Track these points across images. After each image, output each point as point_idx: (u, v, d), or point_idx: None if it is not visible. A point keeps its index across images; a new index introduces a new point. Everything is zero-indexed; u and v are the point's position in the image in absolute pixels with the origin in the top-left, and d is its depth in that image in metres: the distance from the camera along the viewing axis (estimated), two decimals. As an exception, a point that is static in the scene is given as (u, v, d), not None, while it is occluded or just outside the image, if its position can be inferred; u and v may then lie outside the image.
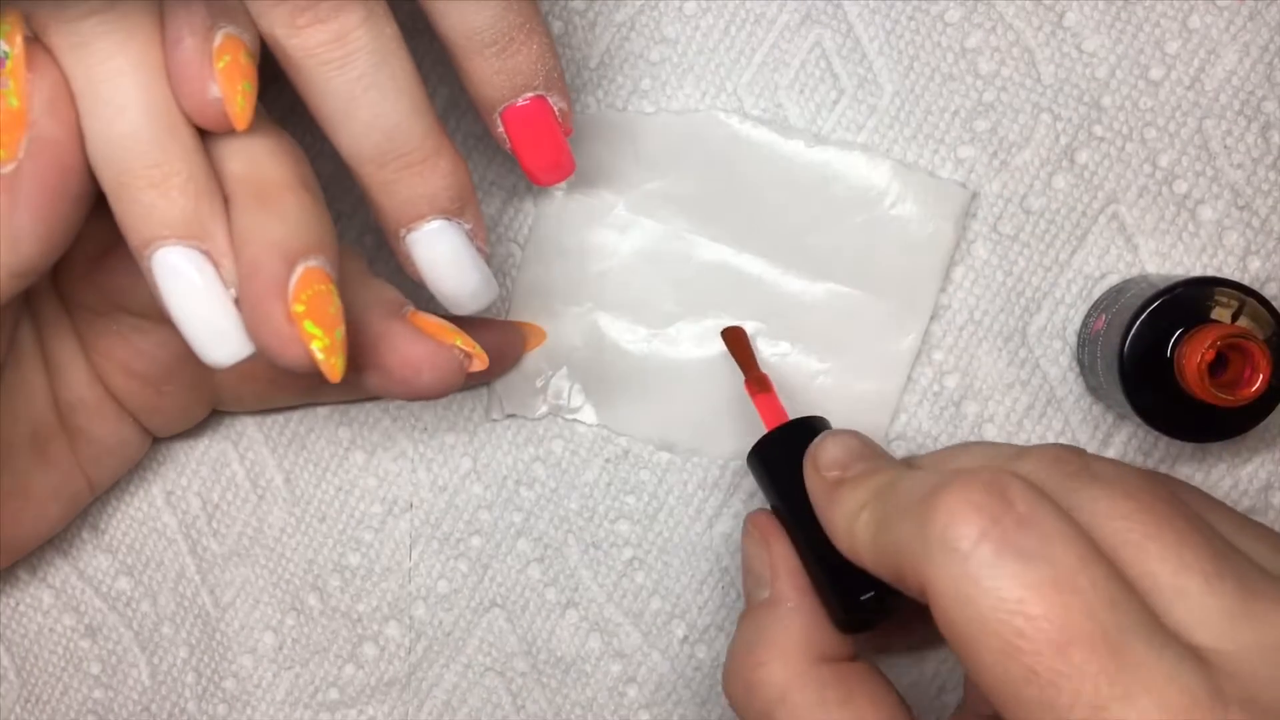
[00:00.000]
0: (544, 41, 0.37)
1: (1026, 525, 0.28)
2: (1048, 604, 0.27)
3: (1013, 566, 0.28)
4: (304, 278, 0.32)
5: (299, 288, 0.32)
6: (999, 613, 0.28)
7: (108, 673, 0.45)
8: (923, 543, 0.29)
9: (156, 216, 0.32)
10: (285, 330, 0.32)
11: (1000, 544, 0.28)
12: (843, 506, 0.34)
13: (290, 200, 0.33)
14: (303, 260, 0.32)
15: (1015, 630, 0.27)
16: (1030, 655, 0.27)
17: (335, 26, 0.33)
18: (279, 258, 0.32)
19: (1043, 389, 0.43)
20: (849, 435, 0.36)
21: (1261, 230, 0.42)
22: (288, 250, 0.32)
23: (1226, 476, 0.42)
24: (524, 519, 0.44)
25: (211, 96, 0.32)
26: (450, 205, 0.36)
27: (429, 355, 0.36)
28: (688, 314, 0.43)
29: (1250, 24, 0.42)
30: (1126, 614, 0.28)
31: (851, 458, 0.35)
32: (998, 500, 0.29)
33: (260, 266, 0.32)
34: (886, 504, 0.32)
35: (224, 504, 0.45)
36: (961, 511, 0.29)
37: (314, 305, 0.32)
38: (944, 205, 0.42)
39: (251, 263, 0.32)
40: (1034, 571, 0.28)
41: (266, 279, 0.32)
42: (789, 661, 0.35)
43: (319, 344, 0.32)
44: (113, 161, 0.32)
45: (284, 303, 0.32)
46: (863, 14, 0.43)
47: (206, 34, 0.32)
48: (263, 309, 0.32)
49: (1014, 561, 0.28)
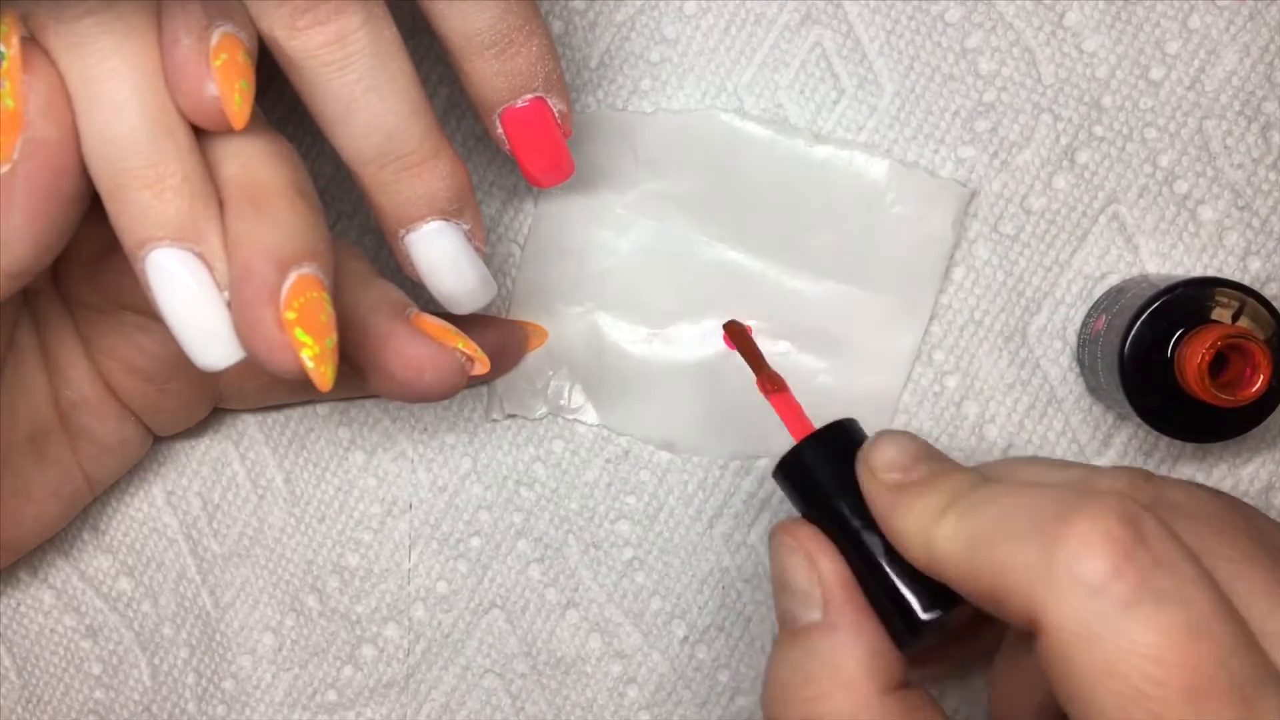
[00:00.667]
0: (544, 43, 0.37)
1: (1163, 565, 0.27)
2: (1182, 651, 0.26)
3: (1147, 608, 0.26)
4: (296, 285, 0.32)
5: (291, 295, 0.32)
6: (1130, 656, 0.26)
7: (108, 673, 0.45)
8: (1046, 571, 0.27)
9: (151, 217, 0.32)
10: (276, 337, 0.31)
11: (1137, 583, 0.27)
12: (913, 513, 0.31)
13: (284, 206, 0.33)
14: (295, 267, 0.32)
15: (1146, 676, 0.26)
16: (1159, 703, 0.26)
17: (335, 28, 0.33)
18: (272, 264, 0.32)
19: (1043, 389, 0.43)
20: (903, 435, 0.34)
21: (1262, 230, 0.42)
22: (280, 256, 0.32)
23: (1228, 477, 0.42)
24: (524, 519, 0.44)
25: (208, 95, 0.32)
26: (449, 206, 0.36)
27: (431, 358, 0.36)
28: (688, 314, 0.43)
29: (1250, 24, 0.42)
30: (1256, 662, 0.27)
31: (910, 459, 0.33)
32: (1133, 535, 0.27)
33: (253, 272, 0.32)
34: (982, 516, 0.30)
35: (224, 504, 0.45)
36: (1096, 541, 0.27)
37: (305, 313, 0.32)
38: (944, 204, 0.42)
39: (244, 268, 0.32)
40: (1169, 615, 0.26)
41: (259, 285, 0.32)
42: (855, 693, 0.32)
43: (309, 352, 0.32)
44: (108, 162, 0.32)
45: (275, 309, 0.31)
46: (863, 14, 0.43)
47: (203, 33, 0.32)
48: (254, 315, 0.32)
49: (1148, 603, 0.26)
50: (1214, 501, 0.31)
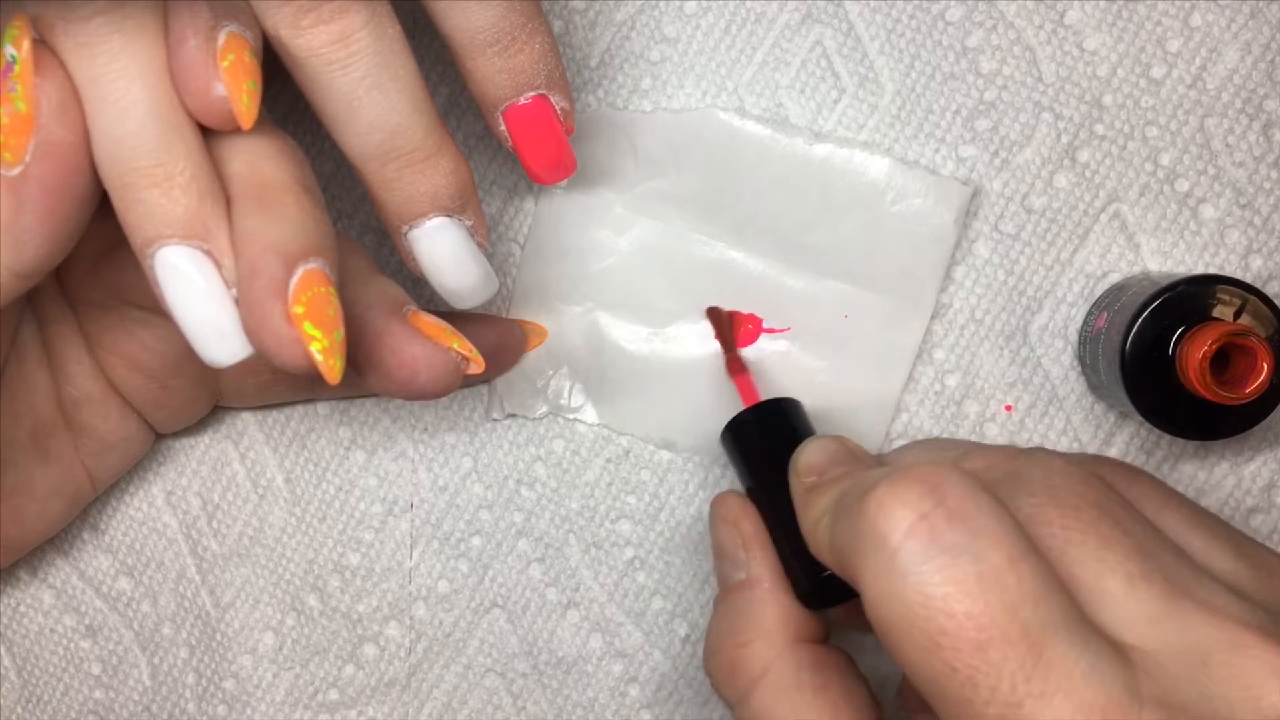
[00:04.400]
0: (546, 41, 0.37)
1: (956, 520, 0.28)
2: (970, 601, 0.27)
3: (938, 561, 0.28)
4: (304, 279, 0.32)
5: (299, 289, 0.32)
6: (923, 609, 0.28)
7: (108, 673, 0.45)
8: (855, 536, 0.29)
9: (159, 215, 0.32)
10: (284, 331, 0.32)
11: (928, 539, 0.28)
12: (810, 511, 0.34)
13: (290, 202, 0.33)
14: (302, 262, 0.32)
15: (938, 627, 0.27)
16: (950, 652, 0.27)
17: (339, 27, 0.33)
18: (279, 259, 0.32)
19: (1044, 388, 0.43)
20: (830, 440, 0.37)
21: (1263, 229, 0.42)
22: (288, 252, 0.32)
23: (1229, 475, 0.42)
24: (525, 519, 0.44)
25: (216, 95, 0.32)
26: (451, 203, 0.36)
27: (426, 356, 0.36)
28: (688, 313, 0.43)
29: (1252, 22, 0.42)
30: (1050, 611, 0.27)
31: (829, 462, 0.35)
32: (929, 495, 0.29)
33: (260, 268, 0.32)
34: (838, 503, 0.32)
35: (224, 504, 0.45)
36: (891, 505, 0.29)
37: (313, 307, 0.32)
38: (945, 202, 0.42)
39: (251, 264, 0.32)
40: (959, 567, 0.28)
41: (266, 280, 0.32)
42: (771, 641, 0.36)
43: (318, 345, 0.32)
44: (117, 160, 0.32)
45: (284, 304, 0.32)
46: (864, 13, 0.43)
47: (210, 33, 0.32)
48: (262, 310, 0.32)
49: (940, 556, 0.28)
50: (1069, 477, 0.31)
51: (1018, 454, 0.33)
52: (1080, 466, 0.32)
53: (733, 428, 0.40)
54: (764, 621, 0.36)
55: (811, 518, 0.34)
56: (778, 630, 0.36)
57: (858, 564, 0.29)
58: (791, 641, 0.36)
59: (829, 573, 0.34)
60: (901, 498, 0.29)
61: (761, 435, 0.39)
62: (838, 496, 0.33)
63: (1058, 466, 0.32)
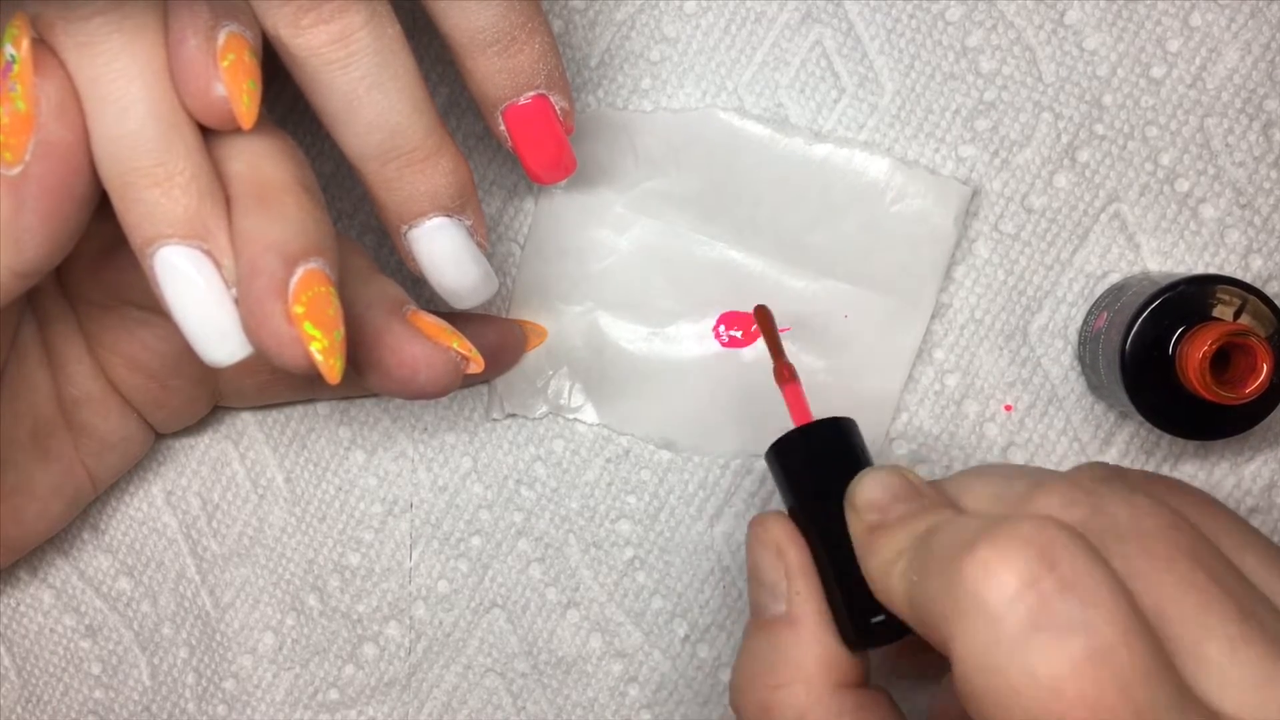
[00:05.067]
0: (546, 41, 0.37)
1: (1069, 590, 0.26)
2: (1083, 682, 0.25)
3: (1049, 636, 0.26)
4: (304, 279, 0.32)
5: (299, 289, 0.32)
6: (1030, 687, 0.26)
7: (108, 673, 0.45)
8: (952, 599, 0.27)
9: (159, 215, 0.32)
10: (285, 331, 0.32)
11: (1039, 610, 0.26)
12: (880, 555, 0.32)
13: (291, 202, 0.33)
14: (303, 262, 0.32)
15: (1044, 707, 0.25)
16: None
17: (338, 26, 0.33)
18: (279, 259, 0.32)
19: (1044, 388, 0.43)
20: (890, 473, 0.34)
21: (1263, 229, 0.42)
22: (288, 252, 0.32)
23: (1230, 475, 0.42)
24: (524, 519, 0.44)
25: (216, 95, 0.32)
26: (451, 203, 0.37)
27: (425, 356, 0.36)
28: (688, 312, 0.43)
29: (1252, 22, 0.42)
30: (1162, 688, 0.26)
31: (891, 498, 0.33)
32: (1039, 559, 0.26)
33: (260, 267, 0.32)
34: (922, 554, 0.30)
35: (224, 504, 0.45)
36: (997, 568, 0.26)
37: (313, 307, 0.32)
38: (945, 202, 0.42)
39: (251, 264, 0.32)
40: (1073, 644, 0.26)
41: (267, 280, 0.32)
42: (811, 686, 0.33)
43: (318, 345, 0.32)
44: (117, 160, 0.32)
45: (284, 304, 0.32)
46: (863, 13, 0.43)
47: (210, 33, 0.32)
48: (263, 309, 0.32)
49: (1050, 630, 0.26)
50: (1155, 518, 0.29)
51: (1095, 486, 0.31)
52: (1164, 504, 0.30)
53: (781, 447, 0.37)
54: (805, 665, 0.34)
55: (881, 562, 0.32)
56: (819, 675, 0.33)
57: (950, 627, 0.27)
58: (834, 688, 0.33)
59: (883, 618, 0.33)
60: (1008, 560, 0.27)
61: (813, 458, 0.36)
62: (916, 543, 0.31)
63: (1144, 508, 0.30)
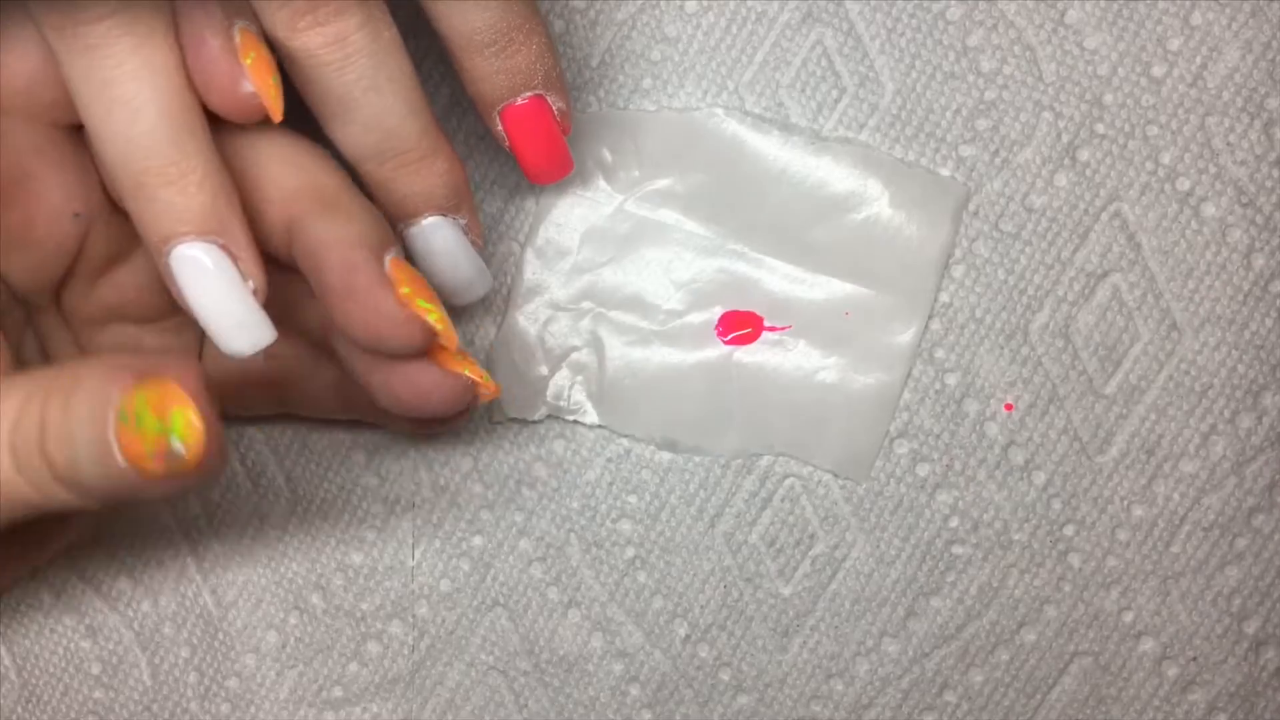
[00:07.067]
0: (543, 41, 0.37)
1: None
2: None
3: None
4: (395, 263, 0.34)
5: (395, 273, 0.34)
6: None
7: (108, 673, 0.45)
8: None
9: (175, 213, 0.32)
10: (400, 313, 0.33)
11: None
12: None
13: (353, 201, 0.35)
14: (387, 251, 0.34)
15: None
16: None
17: (334, 29, 0.33)
18: (370, 252, 0.34)
19: (1044, 387, 0.43)
20: None
21: (1265, 227, 0.42)
22: (372, 245, 0.34)
23: (1231, 475, 0.42)
24: (525, 518, 0.44)
25: (245, 92, 0.33)
26: (446, 202, 0.37)
27: (437, 384, 0.36)
28: (689, 312, 0.43)
29: (1253, 20, 0.41)
30: None
31: None
32: None
33: (356, 263, 0.33)
34: None
35: (224, 504, 0.45)
36: None
37: (415, 285, 0.34)
38: (944, 202, 0.42)
39: (345, 262, 0.33)
40: None
41: (368, 273, 0.33)
42: None
43: (435, 315, 0.34)
44: (130, 161, 0.32)
45: (391, 289, 0.33)
46: (864, 12, 0.43)
47: (229, 32, 0.33)
48: (374, 300, 0.33)
49: None
50: None
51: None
52: None
53: None
54: None
55: None
56: None
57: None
58: None
59: None
60: None
61: None
62: None
63: None
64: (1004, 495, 0.43)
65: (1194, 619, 0.43)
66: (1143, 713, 0.43)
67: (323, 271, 0.34)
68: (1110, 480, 0.43)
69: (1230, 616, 0.43)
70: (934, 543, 0.43)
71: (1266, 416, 0.42)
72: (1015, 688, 0.43)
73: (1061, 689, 0.43)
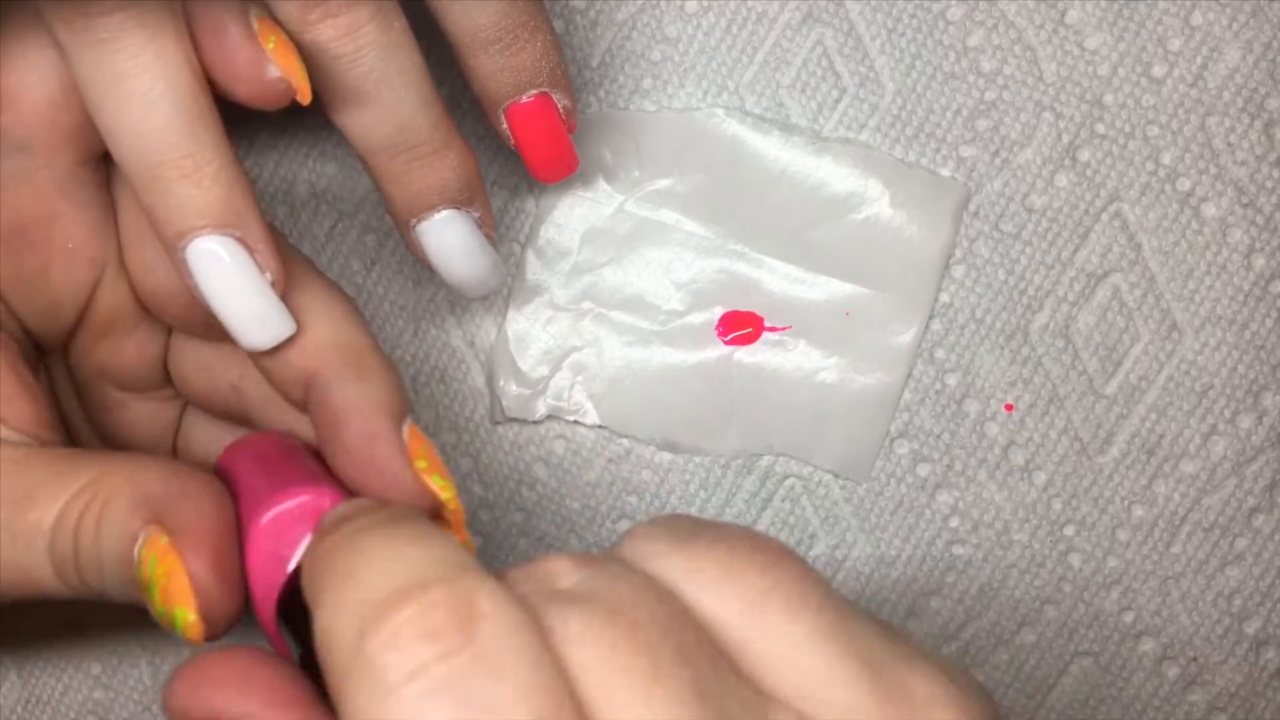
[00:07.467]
0: (548, 39, 0.37)
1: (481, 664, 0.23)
2: None
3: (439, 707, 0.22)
4: (412, 433, 0.33)
5: (413, 446, 0.33)
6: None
7: (108, 673, 0.45)
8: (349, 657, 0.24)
9: (191, 207, 0.32)
10: (413, 487, 0.32)
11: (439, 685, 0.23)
12: None
13: (379, 364, 0.34)
14: (405, 420, 0.33)
15: None
16: None
17: (345, 22, 0.33)
18: (391, 420, 0.33)
19: (1045, 387, 0.43)
20: None
21: (1266, 228, 0.42)
22: (395, 413, 0.33)
23: (1231, 475, 0.42)
24: (525, 519, 0.44)
25: (272, 77, 0.32)
26: (459, 195, 0.37)
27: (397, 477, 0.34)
28: (689, 312, 0.43)
29: (1253, 20, 0.42)
30: None
31: None
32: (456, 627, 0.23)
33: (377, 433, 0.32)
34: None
35: (224, 504, 0.45)
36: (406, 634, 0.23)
37: (431, 457, 0.33)
38: (941, 200, 0.42)
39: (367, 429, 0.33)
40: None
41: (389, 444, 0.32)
42: None
43: (448, 494, 0.33)
44: (144, 155, 0.32)
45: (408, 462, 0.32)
46: (864, 12, 0.43)
47: (245, 19, 0.32)
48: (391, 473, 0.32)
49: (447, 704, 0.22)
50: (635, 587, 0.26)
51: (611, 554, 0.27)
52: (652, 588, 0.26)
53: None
54: None
55: None
56: None
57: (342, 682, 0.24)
58: None
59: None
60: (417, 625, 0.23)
61: None
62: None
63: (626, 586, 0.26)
64: (1004, 495, 0.43)
65: (1194, 619, 0.43)
66: (1143, 713, 0.43)
67: (343, 434, 0.33)
68: (1110, 480, 0.43)
69: (1230, 617, 0.43)
70: (934, 543, 0.43)
71: (1266, 417, 0.42)
72: (1015, 688, 0.43)
73: (1062, 689, 0.43)
